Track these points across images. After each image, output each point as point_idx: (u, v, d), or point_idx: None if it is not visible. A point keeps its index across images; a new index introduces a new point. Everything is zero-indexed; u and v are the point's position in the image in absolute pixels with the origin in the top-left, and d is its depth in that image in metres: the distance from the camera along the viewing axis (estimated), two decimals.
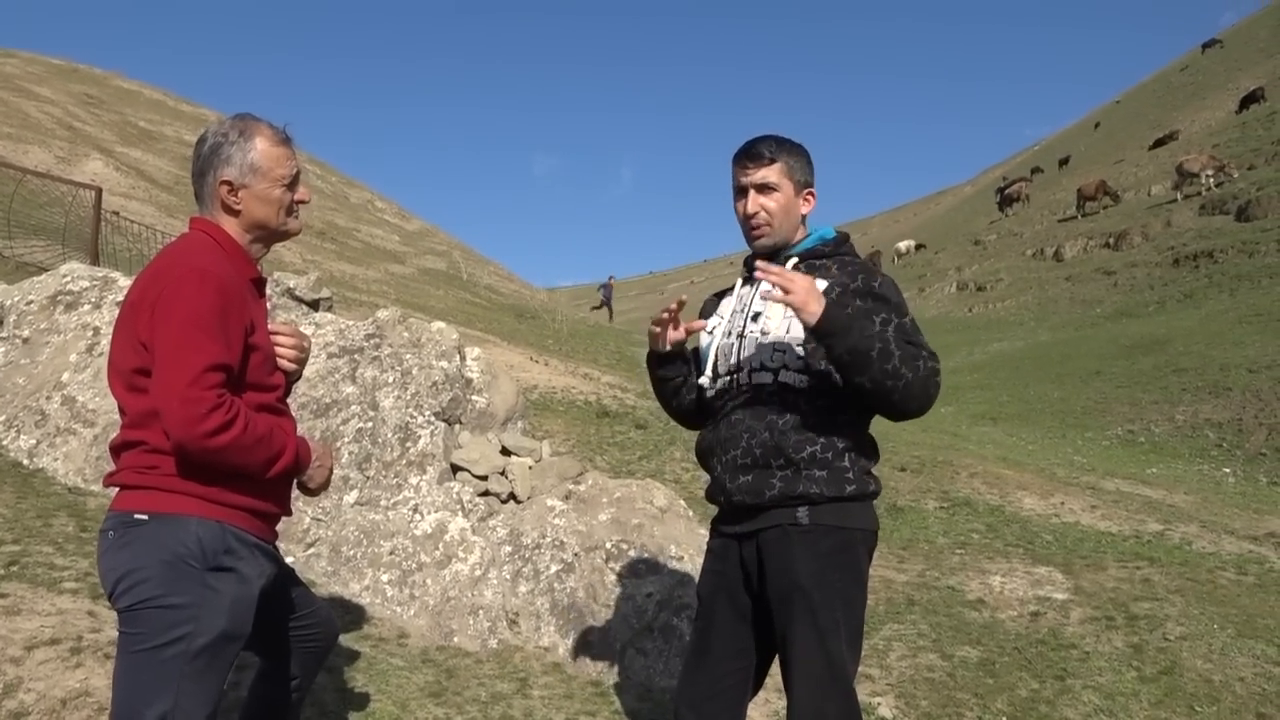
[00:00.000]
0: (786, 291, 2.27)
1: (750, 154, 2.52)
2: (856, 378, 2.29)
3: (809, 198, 2.55)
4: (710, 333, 2.66)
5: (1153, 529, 6.87)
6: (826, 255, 2.52)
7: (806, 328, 2.30)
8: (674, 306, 2.62)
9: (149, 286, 2.06)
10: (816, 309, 2.26)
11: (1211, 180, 29.62)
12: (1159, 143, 41.61)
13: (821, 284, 2.42)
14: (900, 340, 2.31)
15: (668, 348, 2.65)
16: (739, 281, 2.69)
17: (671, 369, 2.71)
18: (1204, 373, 15.02)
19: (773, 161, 2.50)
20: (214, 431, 1.95)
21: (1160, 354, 17.22)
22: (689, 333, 2.68)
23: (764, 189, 2.51)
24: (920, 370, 2.28)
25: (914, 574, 5.60)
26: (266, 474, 2.10)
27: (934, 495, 7.56)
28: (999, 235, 40.40)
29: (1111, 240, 30.78)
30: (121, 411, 2.12)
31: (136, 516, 2.03)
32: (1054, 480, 8.67)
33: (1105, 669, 4.36)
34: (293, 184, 2.25)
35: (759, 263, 2.41)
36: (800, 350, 2.43)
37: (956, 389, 19.15)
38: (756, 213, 2.51)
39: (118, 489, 2.11)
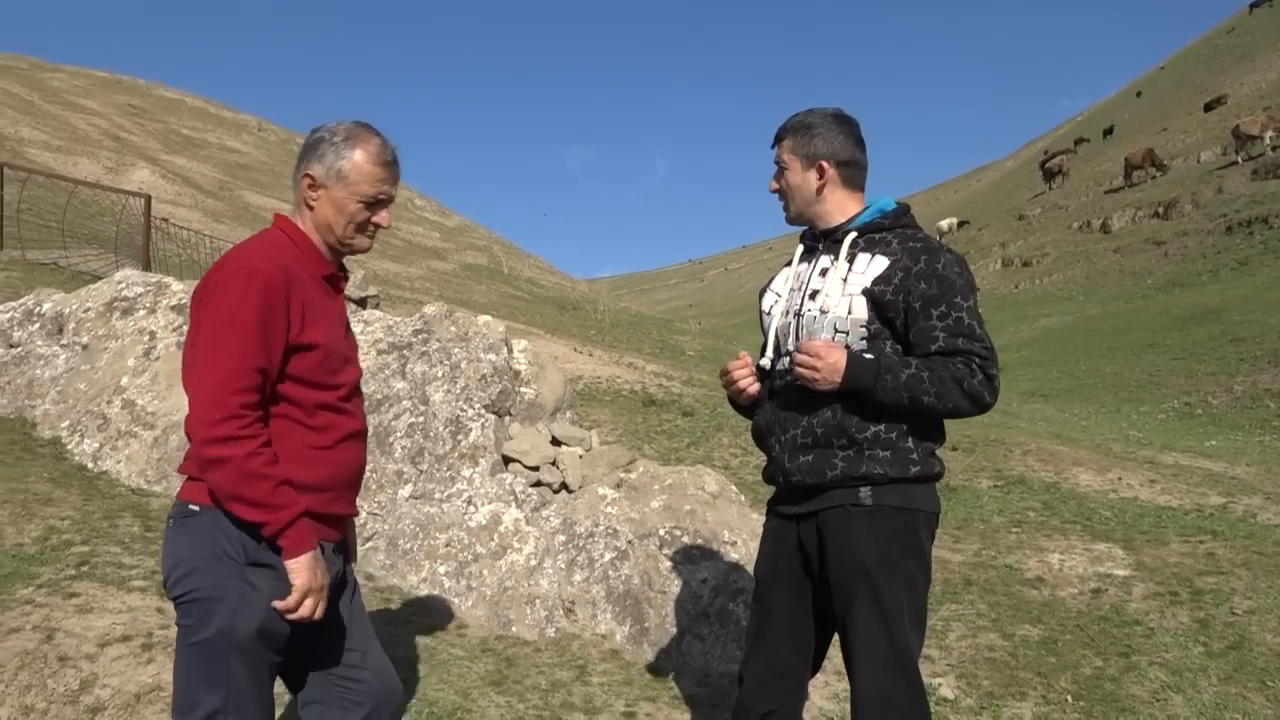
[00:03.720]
0: (810, 370, 2.35)
1: (775, 136, 2.59)
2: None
3: (822, 170, 2.49)
4: (769, 313, 2.63)
5: (1215, 502, 6.72)
6: (886, 229, 2.47)
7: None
8: (743, 367, 2.59)
9: (204, 281, 2.10)
10: (831, 385, 2.34)
11: (1268, 144, 28.80)
12: (1209, 106, 40.58)
13: (882, 263, 2.39)
14: (948, 353, 2.31)
15: (753, 399, 2.64)
16: (795, 257, 2.64)
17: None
18: (1262, 341, 14.67)
19: (780, 141, 2.56)
20: (220, 439, 1.95)
21: (1215, 324, 16.84)
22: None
23: (778, 167, 2.57)
24: (965, 390, 2.30)
25: (970, 554, 5.54)
26: (239, 512, 2.01)
27: (987, 474, 7.47)
28: (1043, 209, 39.74)
29: (1161, 209, 30.13)
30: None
31: (190, 507, 2.06)
32: (1110, 455, 8.52)
33: (1171, 645, 4.28)
34: (374, 205, 2.22)
35: (798, 353, 2.40)
36: (863, 330, 2.40)
37: (1005, 367, 18.81)
38: (774, 191, 2.59)
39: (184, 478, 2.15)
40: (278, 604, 2.01)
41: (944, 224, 45.80)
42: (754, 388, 2.60)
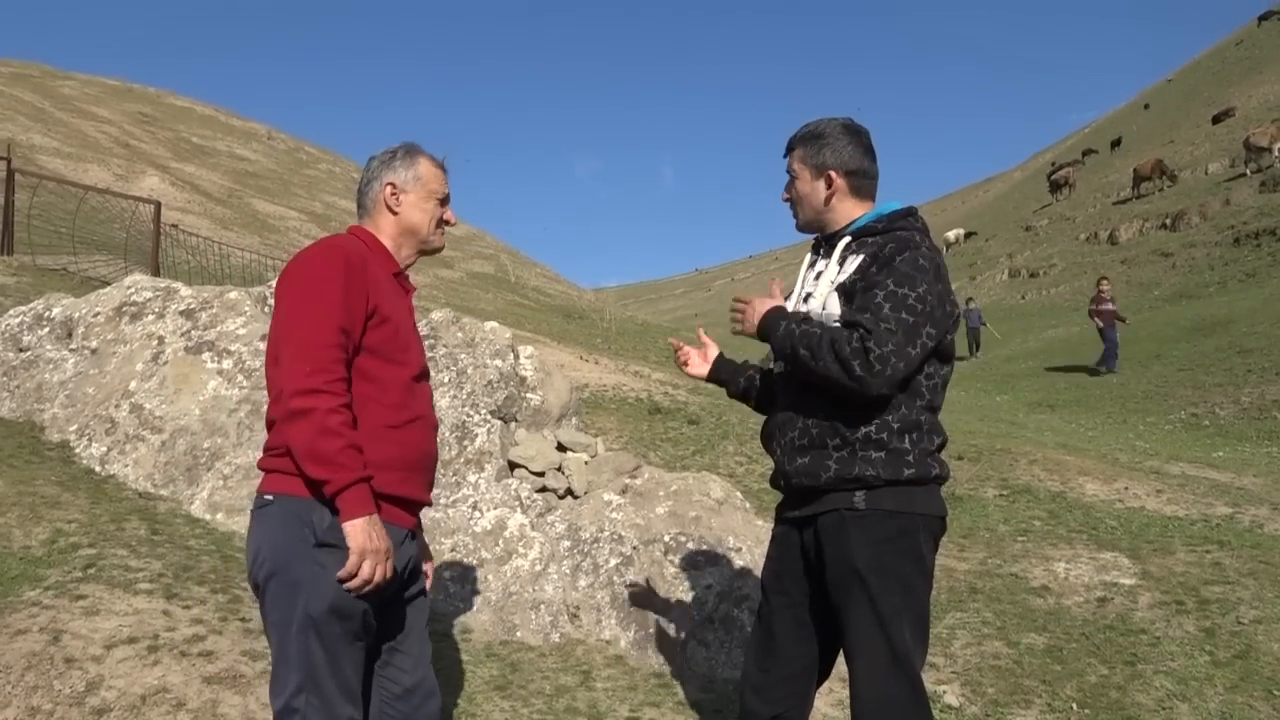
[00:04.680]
0: (737, 314, 2.61)
1: (786, 146, 2.66)
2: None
3: (830, 180, 2.54)
4: None
5: (1221, 512, 6.69)
6: (878, 231, 2.48)
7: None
8: (676, 345, 2.98)
9: (285, 268, 2.26)
10: (750, 328, 2.57)
11: (1277, 156, 28.72)
12: (1217, 119, 40.55)
13: (857, 260, 2.43)
14: (846, 324, 2.35)
15: (705, 376, 2.92)
16: (804, 264, 2.69)
17: (732, 385, 2.90)
18: (1270, 353, 14.60)
19: (791, 150, 2.62)
20: (309, 391, 2.06)
21: (1223, 335, 16.79)
22: (705, 357, 2.95)
23: (789, 177, 2.63)
24: (835, 353, 2.28)
25: (975, 562, 5.53)
26: (309, 468, 2.10)
27: (993, 483, 7.45)
28: (1050, 220, 39.70)
29: (1168, 221, 30.07)
30: (269, 390, 2.24)
31: (265, 498, 2.19)
32: (1116, 465, 8.49)
33: (1177, 654, 4.26)
34: (444, 201, 2.50)
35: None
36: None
37: (1011, 376, 18.86)
38: (786, 199, 2.66)
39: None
40: (340, 573, 2.08)
41: (951, 235, 45.78)
42: (692, 363, 2.91)
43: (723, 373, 2.90)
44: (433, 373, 4.97)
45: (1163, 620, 4.63)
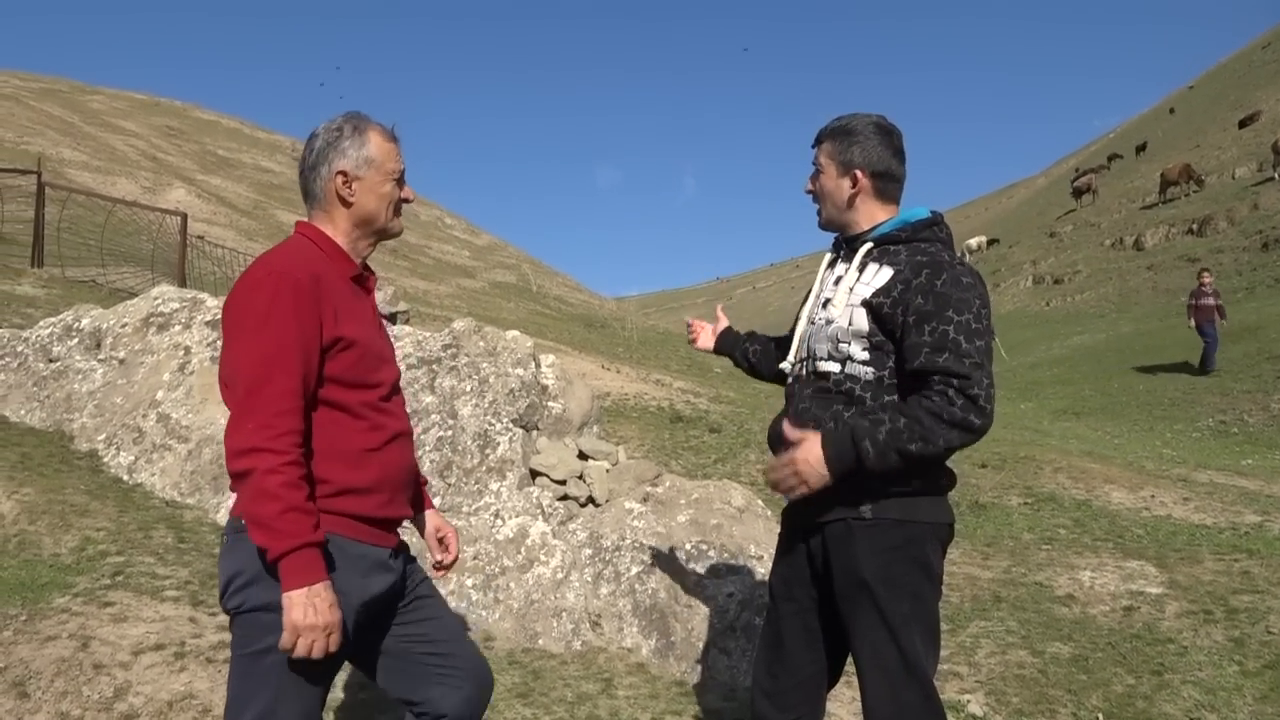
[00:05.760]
0: (787, 479, 2.33)
1: (815, 137, 2.60)
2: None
3: (855, 179, 2.48)
4: (799, 317, 2.65)
5: (1250, 521, 6.61)
6: (902, 241, 2.44)
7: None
8: (692, 324, 3.19)
9: (232, 292, 2.08)
10: (820, 481, 2.28)
11: None
12: (1243, 123, 40.14)
13: (886, 275, 2.36)
14: (926, 371, 2.23)
15: (712, 349, 3.10)
16: (824, 263, 2.63)
17: (736, 356, 3.05)
18: None
19: (819, 143, 2.56)
20: (247, 450, 1.90)
21: (1252, 341, 16.60)
22: (715, 332, 3.12)
23: (814, 170, 2.57)
24: (947, 420, 2.18)
25: (999, 570, 5.49)
26: (251, 533, 1.95)
27: (1017, 491, 7.39)
28: (1075, 226, 39.43)
29: (1195, 226, 29.80)
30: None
31: (243, 522, 2.01)
32: (1143, 473, 8.41)
33: (1205, 663, 4.21)
34: (401, 180, 2.26)
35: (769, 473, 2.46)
36: (865, 342, 2.37)
37: (1036, 384, 18.70)
38: (809, 192, 2.60)
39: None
40: (279, 645, 1.93)
41: (973, 242, 45.48)
42: (700, 339, 3.11)
43: (725, 344, 3.07)
44: (455, 382, 5.01)
45: (1190, 629, 4.57)
